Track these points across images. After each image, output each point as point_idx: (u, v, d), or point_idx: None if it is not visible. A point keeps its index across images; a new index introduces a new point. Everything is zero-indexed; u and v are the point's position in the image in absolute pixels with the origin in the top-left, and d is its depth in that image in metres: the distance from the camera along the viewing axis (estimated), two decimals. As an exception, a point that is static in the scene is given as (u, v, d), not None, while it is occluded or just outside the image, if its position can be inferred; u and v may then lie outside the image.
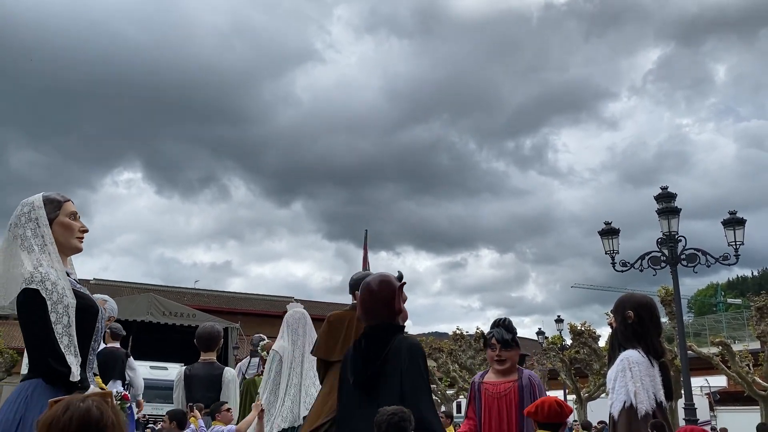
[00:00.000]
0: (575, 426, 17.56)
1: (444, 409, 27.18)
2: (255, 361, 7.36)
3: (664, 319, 16.55)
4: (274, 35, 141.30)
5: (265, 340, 7.34)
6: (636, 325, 3.91)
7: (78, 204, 2.84)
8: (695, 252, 12.37)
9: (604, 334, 24.73)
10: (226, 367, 6.30)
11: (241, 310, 34.05)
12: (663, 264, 12.45)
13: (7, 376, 27.01)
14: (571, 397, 25.49)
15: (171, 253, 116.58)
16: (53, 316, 2.44)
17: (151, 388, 14.54)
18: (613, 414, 3.78)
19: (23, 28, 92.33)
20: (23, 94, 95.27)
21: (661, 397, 3.79)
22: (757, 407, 17.59)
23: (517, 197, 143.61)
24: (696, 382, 19.03)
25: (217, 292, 41.87)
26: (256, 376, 6.73)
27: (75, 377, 2.39)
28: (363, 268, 13.80)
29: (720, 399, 24.53)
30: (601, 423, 18.99)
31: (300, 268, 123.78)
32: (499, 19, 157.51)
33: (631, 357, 3.82)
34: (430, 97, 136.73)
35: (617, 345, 3.98)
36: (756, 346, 19.88)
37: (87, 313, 2.61)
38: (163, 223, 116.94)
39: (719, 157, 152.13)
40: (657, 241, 12.48)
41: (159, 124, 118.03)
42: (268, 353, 6.46)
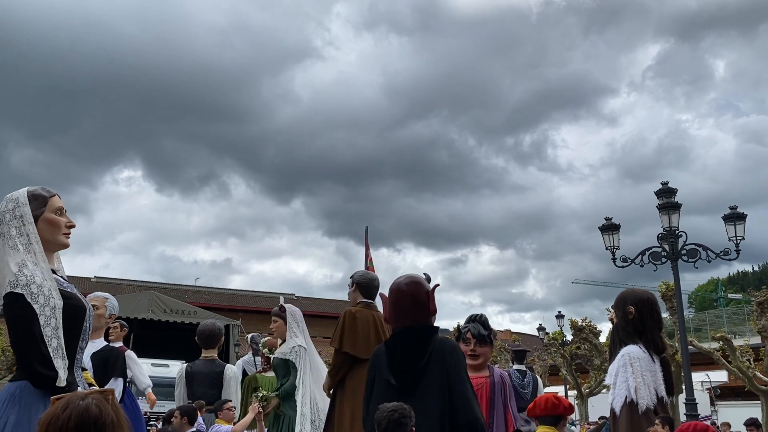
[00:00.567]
0: (585, 425, 17.53)
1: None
2: (257, 360, 7.38)
3: (664, 315, 16.54)
4: (273, 32, 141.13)
5: (265, 337, 7.34)
6: (637, 320, 3.92)
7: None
8: (696, 247, 12.37)
9: (605, 329, 24.77)
10: (228, 364, 6.32)
11: (242, 307, 34.01)
12: (664, 259, 12.45)
13: (9, 374, 27.06)
14: (572, 392, 25.53)
15: (172, 250, 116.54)
16: (42, 319, 2.36)
17: (152, 386, 14.57)
18: (615, 409, 3.79)
19: (22, 25, 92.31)
20: (23, 92, 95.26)
21: (662, 392, 3.80)
22: (758, 402, 17.60)
23: (516, 193, 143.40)
24: (697, 377, 19.01)
25: (218, 289, 41.83)
26: (258, 373, 6.74)
27: (62, 382, 2.33)
28: (365, 265, 13.85)
29: (721, 394, 24.54)
30: (602, 418, 19.00)
31: (301, 265, 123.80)
32: (499, 15, 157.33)
33: (632, 352, 3.82)
34: (430, 93, 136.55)
35: (618, 340, 3.99)
36: (757, 340, 19.88)
37: (75, 313, 2.53)
38: (164, 221, 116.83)
39: (719, 152, 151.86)
40: (657, 236, 12.49)
41: (159, 122, 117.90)
42: (270, 351, 6.47)
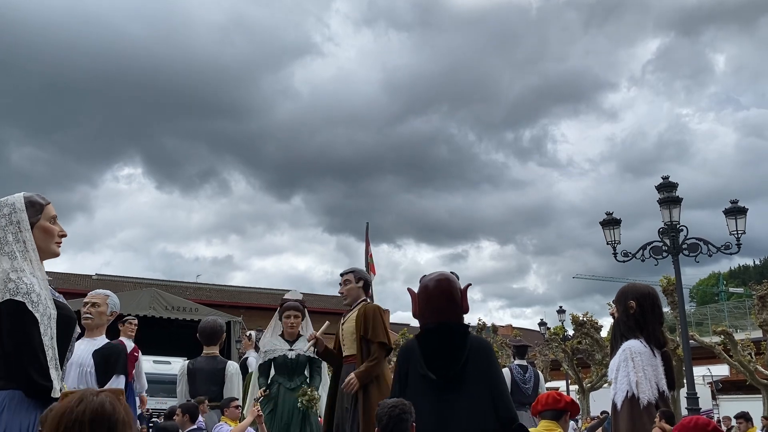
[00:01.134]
0: (586, 420, 17.50)
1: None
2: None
3: (666, 309, 16.54)
4: (272, 29, 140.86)
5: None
6: (638, 315, 3.91)
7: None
8: (697, 241, 12.35)
9: (606, 324, 24.80)
10: (229, 361, 6.31)
11: (243, 303, 34.04)
12: (665, 254, 12.43)
13: None
14: (573, 387, 25.55)
15: (173, 247, 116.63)
16: (41, 329, 2.35)
17: (154, 383, 14.59)
18: (616, 403, 3.78)
19: (22, 23, 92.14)
20: (23, 90, 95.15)
21: (664, 386, 3.79)
22: (760, 396, 17.62)
23: (516, 189, 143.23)
24: (698, 371, 19.02)
25: (219, 286, 41.83)
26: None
27: (56, 393, 2.31)
28: (366, 262, 13.89)
29: (722, 388, 24.56)
30: (603, 413, 19.01)
31: (302, 261, 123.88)
32: (498, 10, 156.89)
33: (633, 347, 3.81)
34: (429, 89, 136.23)
35: (619, 335, 3.98)
36: (758, 334, 19.90)
37: (67, 323, 2.53)
38: (165, 218, 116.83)
39: (719, 146, 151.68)
40: (658, 230, 12.46)
41: (158, 120, 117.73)
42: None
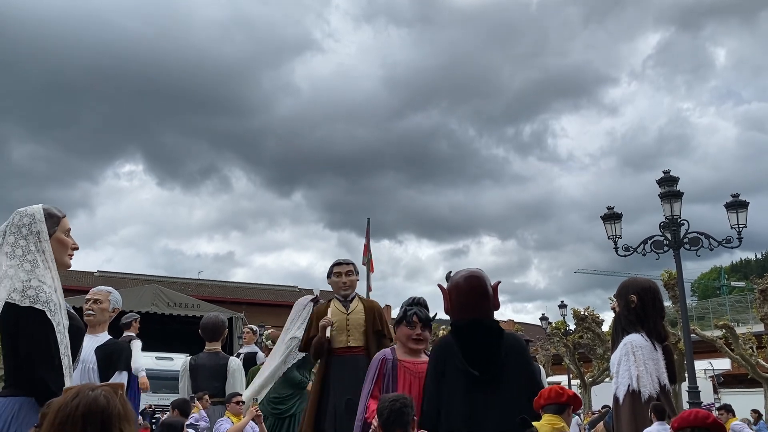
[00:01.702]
0: (588, 414, 17.55)
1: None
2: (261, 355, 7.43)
3: (667, 303, 16.54)
4: (272, 25, 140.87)
5: (269, 329, 7.37)
6: (639, 309, 3.91)
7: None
8: (698, 235, 12.34)
9: (608, 318, 24.79)
10: (232, 357, 6.32)
11: (245, 299, 34.02)
12: (666, 248, 12.43)
13: None
14: (575, 381, 25.58)
15: (174, 244, 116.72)
16: (58, 337, 2.42)
17: (156, 379, 14.63)
18: (618, 397, 3.79)
19: (23, 20, 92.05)
20: (24, 88, 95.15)
21: (665, 380, 3.80)
22: (761, 389, 17.65)
23: (517, 184, 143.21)
24: (700, 365, 19.03)
25: (221, 282, 41.84)
26: (261, 365, 6.76)
27: None
28: (363, 256, 13.89)
29: (724, 381, 24.57)
30: (605, 407, 19.03)
31: (303, 257, 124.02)
32: (498, 5, 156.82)
33: (634, 341, 3.82)
34: (429, 84, 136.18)
35: (621, 329, 3.99)
36: (759, 328, 19.92)
37: (77, 334, 2.60)
38: (166, 215, 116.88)
39: (720, 140, 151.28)
40: (660, 225, 12.46)
41: (159, 116, 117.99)
42: (273, 343, 6.49)
